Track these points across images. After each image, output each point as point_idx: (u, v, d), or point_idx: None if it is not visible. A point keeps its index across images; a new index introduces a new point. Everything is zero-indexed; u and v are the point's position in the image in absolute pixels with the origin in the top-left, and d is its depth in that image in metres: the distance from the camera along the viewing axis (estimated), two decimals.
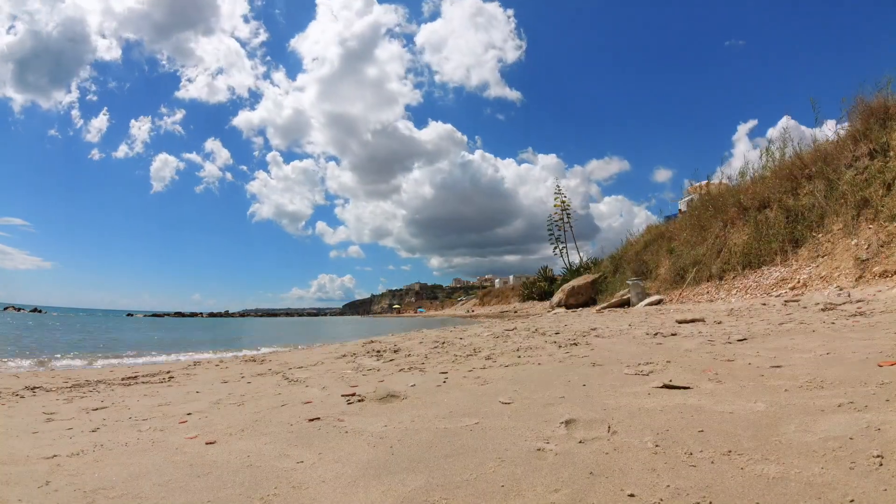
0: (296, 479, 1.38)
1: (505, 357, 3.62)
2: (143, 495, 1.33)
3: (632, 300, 11.45)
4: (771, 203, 9.35)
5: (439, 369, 3.31)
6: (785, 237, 8.55)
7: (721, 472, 1.21)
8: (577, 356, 3.34)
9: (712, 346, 3.27)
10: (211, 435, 1.96)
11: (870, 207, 7.12)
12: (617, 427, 1.61)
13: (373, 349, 5.30)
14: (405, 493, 1.24)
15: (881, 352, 2.44)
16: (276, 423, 2.07)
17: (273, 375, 3.98)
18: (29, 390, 3.71)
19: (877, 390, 1.75)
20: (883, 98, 7.96)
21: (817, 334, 3.31)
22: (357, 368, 3.85)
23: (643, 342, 3.81)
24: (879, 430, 1.35)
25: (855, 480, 1.10)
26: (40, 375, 4.95)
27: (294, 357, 5.85)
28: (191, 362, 6.18)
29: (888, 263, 6.15)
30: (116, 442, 1.95)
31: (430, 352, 4.45)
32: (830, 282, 6.84)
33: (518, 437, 1.60)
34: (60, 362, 6.93)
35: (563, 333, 5.10)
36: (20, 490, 1.41)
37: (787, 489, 1.09)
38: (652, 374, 2.44)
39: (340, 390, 2.79)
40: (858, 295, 5.54)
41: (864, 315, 4.02)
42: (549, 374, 2.73)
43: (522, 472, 1.31)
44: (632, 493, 1.13)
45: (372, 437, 1.75)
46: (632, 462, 1.31)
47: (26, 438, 2.09)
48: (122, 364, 6.75)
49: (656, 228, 15.14)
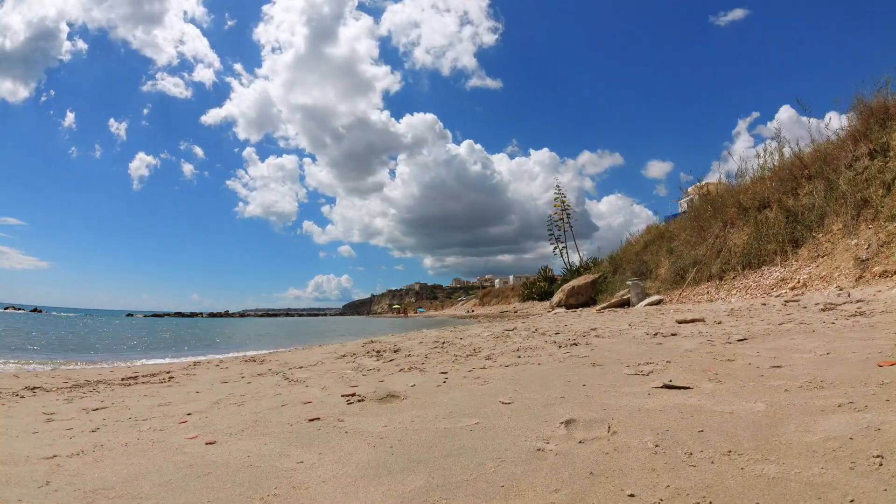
0: (296, 480, 1.38)
1: (505, 357, 3.62)
2: (143, 495, 1.33)
3: (632, 300, 11.46)
4: (771, 203, 9.35)
5: (439, 369, 3.31)
6: (785, 237, 8.55)
7: (721, 472, 1.21)
8: (577, 356, 3.33)
9: (712, 346, 3.27)
10: (211, 435, 1.96)
11: (870, 207, 7.12)
12: (617, 427, 1.61)
13: (373, 349, 5.30)
14: (405, 493, 1.25)
15: (881, 352, 2.43)
16: (277, 424, 2.07)
17: (273, 375, 3.98)
18: (29, 390, 3.71)
19: (877, 390, 1.75)
20: (883, 98, 7.97)
21: (817, 334, 3.31)
22: (357, 368, 3.85)
23: (643, 342, 3.81)
24: (879, 430, 1.35)
25: (855, 480, 1.10)
26: (40, 375, 4.95)
27: (294, 357, 5.85)
28: (191, 362, 6.18)
29: (888, 263, 6.15)
30: (116, 442, 1.95)
31: (430, 352, 4.45)
32: (830, 282, 6.84)
33: (518, 437, 1.60)
34: (60, 362, 6.94)
35: (563, 333, 5.10)
36: (20, 490, 1.41)
37: (787, 489, 1.09)
38: (652, 374, 2.44)
39: (340, 390, 2.79)
40: (858, 295, 5.54)
41: (864, 315, 4.02)
42: (549, 374, 2.73)
43: (522, 472, 1.31)
44: (632, 493, 1.13)
45: (372, 437, 1.75)
46: (632, 462, 1.31)
47: (26, 438, 2.09)
48: (123, 364, 6.76)
49: (656, 228, 15.15)
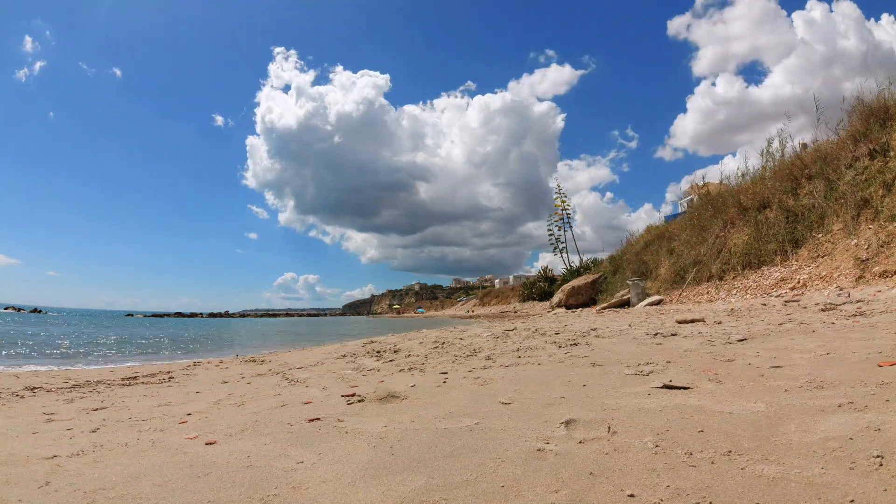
0: (296, 480, 1.38)
1: (505, 357, 3.61)
2: (143, 496, 1.32)
3: (632, 300, 11.46)
4: (771, 203, 9.35)
5: (439, 369, 3.31)
6: (785, 237, 8.55)
7: (721, 472, 1.21)
8: (577, 356, 3.33)
9: (712, 346, 3.27)
10: (211, 435, 1.96)
11: (870, 207, 7.12)
12: (617, 427, 1.61)
13: (373, 349, 5.30)
14: (405, 493, 1.24)
15: (881, 352, 2.43)
16: (276, 424, 2.07)
17: (273, 376, 3.98)
18: (29, 391, 3.71)
19: (877, 390, 1.75)
20: (883, 98, 7.97)
21: (817, 334, 3.31)
22: (357, 369, 3.85)
23: (643, 342, 3.81)
24: (879, 430, 1.35)
25: (855, 480, 1.10)
26: (40, 376, 4.95)
27: (294, 357, 5.85)
28: (191, 363, 6.18)
29: (888, 263, 6.15)
30: (116, 442, 1.95)
31: (430, 352, 4.45)
32: (830, 282, 6.83)
33: (518, 438, 1.60)
34: (60, 362, 6.94)
35: (563, 334, 5.09)
36: (20, 490, 1.41)
37: (787, 489, 1.09)
38: (652, 375, 2.44)
39: (340, 390, 2.79)
40: (858, 295, 5.54)
41: (864, 315, 4.02)
42: (549, 375, 2.73)
43: (522, 472, 1.31)
44: (632, 494, 1.13)
45: (372, 437, 1.75)
46: (632, 462, 1.31)
47: (26, 439, 2.09)
48: (122, 364, 6.76)
49: (656, 229, 15.16)
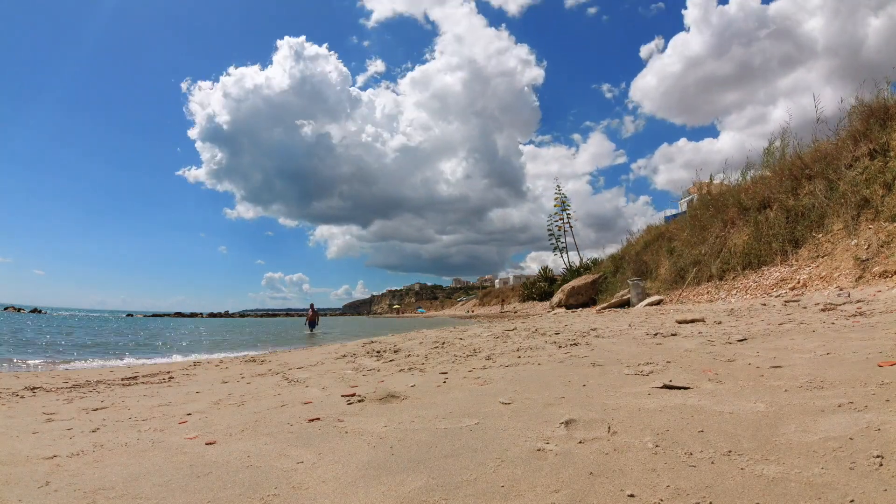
0: (296, 480, 1.38)
1: (505, 357, 3.61)
2: (143, 496, 1.32)
3: (632, 300, 11.46)
4: (771, 203, 9.35)
5: (439, 370, 3.31)
6: (785, 237, 8.55)
7: (721, 472, 1.21)
8: (577, 356, 3.33)
9: (712, 346, 3.27)
10: (211, 435, 1.96)
11: (870, 207, 7.12)
12: (617, 427, 1.61)
13: (373, 349, 5.30)
14: (405, 493, 1.24)
15: (881, 352, 2.43)
16: (276, 424, 2.07)
17: (273, 376, 3.98)
18: (29, 390, 3.71)
19: (877, 390, 1.75)
20: (883, 98, 7.97)
21: (817, 334, 3.31)
22: (357, 369, 3.85)
23: (643, 342, 3.81)
24: (879, 430, 1.35)
25: (855, 480, 1.09)
26: (40, 376, 4.95)
27: (294, 357, 5.85)
28: (191, 362, 6.18)
29: (888, 263, 6.15)
30: (116, 442, 1.95)
31: (430, 352, 4.45)
32: (830, 282, 6.83)
33: (518, 438, 1.60)
34: (60, 362, 6.94)
35: (563, 334, 5.09)
36: (20, 490, 1.41)
37: (787, 489, 1.09)
38: (652, 375, 2.44)
39: (340, 390, 2.79)
40: (858, 295, 5.53)
41: (864, 315, 4.02)
42: (549, 375, 2.73)
43: (522, 472, 1.31)
44: (632, 494, 1.13)
45: (372, 437, 1.75)
46: (632, 462, 1.31)
47: (26, 439, 2.09)
48: (122, 364, 6.76)
49: (656, 228, 15.16)
